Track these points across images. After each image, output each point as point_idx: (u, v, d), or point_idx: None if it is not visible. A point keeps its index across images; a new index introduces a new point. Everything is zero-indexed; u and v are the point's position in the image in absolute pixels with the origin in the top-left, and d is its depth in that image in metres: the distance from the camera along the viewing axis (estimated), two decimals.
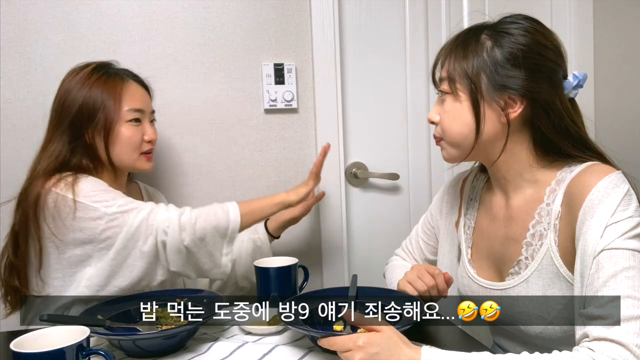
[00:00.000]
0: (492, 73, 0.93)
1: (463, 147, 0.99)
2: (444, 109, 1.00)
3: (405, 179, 1.90)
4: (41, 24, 1.51)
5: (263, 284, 1.13)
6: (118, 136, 1.26)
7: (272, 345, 0.93)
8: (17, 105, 1.51)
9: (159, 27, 1.60)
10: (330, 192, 1.76)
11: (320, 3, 1.70)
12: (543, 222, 0.94)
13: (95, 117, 1.23)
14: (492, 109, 0.95)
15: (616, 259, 0.80)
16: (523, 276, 0.96)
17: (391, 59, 1.86)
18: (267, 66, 1.67)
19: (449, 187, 1.22)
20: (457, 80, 0.96)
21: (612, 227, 0.82)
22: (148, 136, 1.32)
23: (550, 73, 0.94)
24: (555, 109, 0.93)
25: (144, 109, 1.31)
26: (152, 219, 1.17)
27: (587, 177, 0.88)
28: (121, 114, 1.25)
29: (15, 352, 0.72)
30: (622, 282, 0.79)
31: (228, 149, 1.69)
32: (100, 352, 0.77)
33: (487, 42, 0.95)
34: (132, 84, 1.31)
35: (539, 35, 0.94)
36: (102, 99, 1.24)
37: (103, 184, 1.21)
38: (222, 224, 1.23)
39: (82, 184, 1.18)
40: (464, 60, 0.95)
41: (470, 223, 1.11)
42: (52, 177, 1.19)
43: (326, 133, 1.74)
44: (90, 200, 1.16)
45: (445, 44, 1.01)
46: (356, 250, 1.85)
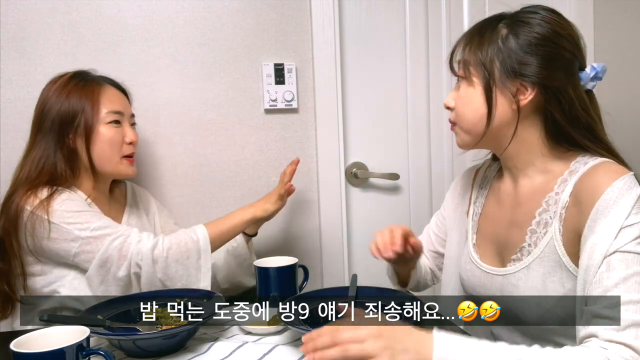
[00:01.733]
0: (506, 60, 0.94)
1: (475, 132, 1.00)
2: (459, 94, 1.02)
3: (405, 179, 1.90)
4: (41, 24, 1.51)
5: (263, 283, 1.13)
6: (98, 137, 1.26)
7: (272, 345, 0.93)
8: (17, 105, 1.51)
9: (159, 27, 1.60)
10: (330, 192, 1.76)
11: (320, 3, 1.70)
12: (550, 211, 0.95)
13: (75, 121, 1.25)
14: (504, 96, 0.96)
15: (628, 262, 0.81)
16: (524, 262, 0.96)
17: (391, 59, 1.86)
18: (267, 66, 1.67)
19: (461, 178, 1.23)
20: (472, 66, 0.98)
21: (627, 229, 0.82)
22: (129, 138, 1.32)
23: (566, 62, 0.95)
24: (567, 97, 0.94)
25: (122, 111, 1.32)
26: (125, 249, 1.17)
27: (601, 175, 0.89)
28: (100, 116, 1.27)
29: (15, 352, 0.72)
30: (634, 287, 0.80)
31: (228, 149, 1.69)
32: (100, 352, 0.77)
33: (503, 30, 0.96)
34: (109, 88, 1.33)
35: (555, 25, 0.95)
36: (80, 103, 1.25)
37: (78, 204, 1.21)
38: (193, 255, 1.23)
39: (56, 204, 1.18)
40: (480, 47, 0.97)
41: (477, 210, 1.13)
42: (29, 191, 1.19)
43: (326, 133, 1.74)
44: (64, 221, 1.17)
45: (465, 32, 1.03)
46: (356, 250, 1.85)
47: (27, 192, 1.19)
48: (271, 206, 1.37)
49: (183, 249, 1.21)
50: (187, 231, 1.25)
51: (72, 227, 1.17)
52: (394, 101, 1.87)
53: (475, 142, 1.01)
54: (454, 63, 1.03)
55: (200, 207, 1.67)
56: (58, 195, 1.20)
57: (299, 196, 1.75)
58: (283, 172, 1.43)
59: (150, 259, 1.18)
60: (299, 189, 1.74)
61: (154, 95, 1.61)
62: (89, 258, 1.17)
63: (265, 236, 1.74)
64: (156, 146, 1.62)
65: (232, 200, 1.69)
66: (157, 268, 1.18)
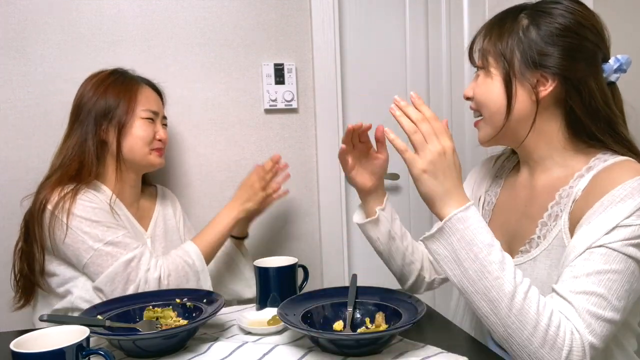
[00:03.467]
0: (526, 50, 0.93)
1: (494, 124, 0.98)
2: (477, 84, 1.01)
3: (405, 179, 1.90)
4: (41, 24, 1.51)
5: (263, 283, 1.13)
6: (131, 130, 1.30)
7: (272, 345, 0.93)
8: (17, 105, 1.51)
9: (159, 27, 1.60)
10: (330, 192, 1.76)
11: (320, 3, 1.70)
12: (561, 204, 0.94)
13: (110, 113, 1.28)
14: (523, 87, 0.95)
15: (608, 259, 0.81)
16: (532, 254, 0.96)
17: (391, 59, 1.86)
18: (267, 66, 1.67)
19: (481, 167, 1.21)
20: (491, 57, 0.97)
21: (622, 229, 0.81)
22: (159, 135, 1.35)
23: (588, 53, 0.93)
24: (588, 89, 0.92)
25: (157, 111, 1.36)
26: (133, 275, 1.17)
27: (617, 172, 0.87)
28: (136, 112, 1.31)
29: (15, 352, 0.72)
30: (604, 282, 0.80)
31: (228, 149, 1.69)
32: (100, 352, 0.77)
33: (523, 21, 0.95)
34: (147, 88, 1.37)
35: (578, 15, 0.93)
36: (118, 98, 1.30)
37: (98, 212, 1.21)
38: (192, 278, 1.25)
39: (77, 209, 1.18)
40: (500, 38, 0.96)
41: (491, 199, 1.12)
42: (58, 185, 1.21)
43: (326, 133, 1.74)
44: (80, 229, 1.18)
45: (485, 23, 1.01)
46: (356, 250, 1.85)
47: (55, 185, 1.21)
48: (253, 205, 1.37)
49: (181, 274, 1.23)
50: (180, 254, 1.25)
51: (87, 237, 1.18)
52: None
53: (495, 134, 0.99)
54: (474, 53, 1.02)
55: (200, 207, 1.67)
56: (82, 195, 1.20)
57: (299, 196, 1.76)
58: (262, 166, 1.40)
59: (156, 288, 1.18)
60: (299, 189, 1.75)
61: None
62: (97, 271, 1.17)
63: (266, 236, 1.74)
64: None
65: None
66: None
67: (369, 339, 0.88)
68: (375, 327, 0.98)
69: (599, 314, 0.79)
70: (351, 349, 0.89)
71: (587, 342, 0.78)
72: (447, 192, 0.86)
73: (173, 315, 1.04)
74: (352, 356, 0.89)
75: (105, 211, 1.22)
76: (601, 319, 0.79)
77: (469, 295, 0.83)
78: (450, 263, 0.84)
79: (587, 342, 0.78)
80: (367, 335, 0.90)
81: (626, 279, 0.81)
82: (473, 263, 0.81)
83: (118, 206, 1.29)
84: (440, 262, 0.85)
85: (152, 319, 1.03)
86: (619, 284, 0.80)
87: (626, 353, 0.94)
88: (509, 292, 0.79)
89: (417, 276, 1.18)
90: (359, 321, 1.01)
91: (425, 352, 0.90)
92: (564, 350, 0.77)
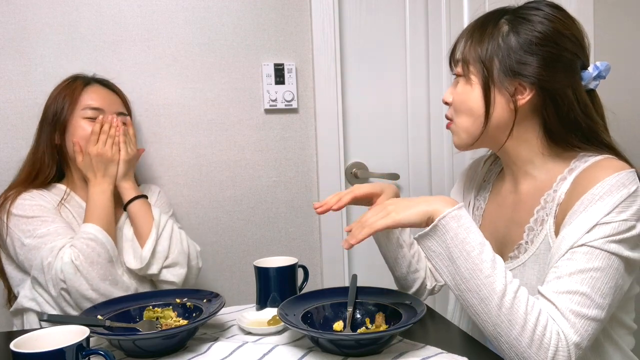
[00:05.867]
0: (505, 58, 0.93)
1: (472, 131, 0.98)
2: (456, 91, 1.00)
3: (405, 179, 1.90)
4: (41, 24, 1.51)
5: (263, 283, 1.13)
6: (73, 130, 1.32)
7: (272, 345, 0.93)
8: (17, 105, 1.51)
9: (159, 27, 1.60)
10: (330, 192, 1.75)
11: (320, 3, 1.70)
12: (546, 208, 0.94)
13: (56, 117, 1.33)
14: (502, 95, 0.94)
15: (591, 257, 0.81)
16: (521, 260, 0.96)
17: (391, 58, 1.86)
18: (267, 66, 1.67)
19: (468, 170, 1.21)
20: (471, 64, 0.96)
21: (602, 226, 0.82)
22: None
23: (567, 63, 0.93)
24: (566, 99, 0.92)
25: (102, 108, 1.34)
26: (50, 266, 1.16)
27: (596, 171, 0.88)
28: (76, 112, 1.32)
29: (15, 352, 0.72)
30: (587, 280, 0.81)
31: (228, 149, 1.69)
32: (100, 352, 0.77)
33: (504, 27, 0.94)
34: (94, 86, 1.38)
35: (558, 24, 0.93)
36: (63, 101, 1.33)
37: (35, 208, 1.23)
38: (100, 250, 1.20)
39: (16, 208, 1.23)
40: (480, 43, 0.95)
41: (480, 204, 1.12)
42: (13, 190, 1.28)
43: (326, 133, 1.74)
44: (17, 227, 1.21)
45: (467, 26, 1.01)
46: (356, 250, 1.85)
47: (9, 191, 1.27)
48: (113, 168, 1.31)
49: (89, 250, 1.18)
50: (79, 236, 1.21)
51: (21, 234, 1.20)
52: (394, 101, 1.87)
53: (472, 141, 0.99)
54: (454, 59, 1.01)
55: (200, 207, 1.67)
56: (24, 194, 1.25)
57: (299, 196, 1.76)
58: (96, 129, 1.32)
59: (72, 270, 1.16)
60: (299, 189, 1.75)
61: (154, 95, 1.61)
62: (30, 265, 1.19)
63: (265, 236, 1.74)
64: (156, 146, 1.62)
65: (232, 200, 1.69)
66: (81, 277, 1.17)
67: (369, 339, 0.88)
68: (375, 327, 0.98)
69: (582, 313, 0.80)
70: (351, 349, 0.89)
71: (571, 342, 0.79)
72: (426, 200, 0.88)
73: (173, 315, 1.04)
74: (352, 356, 0.89)
75: (46, 207, 1.25)
76: (585, 317, 0.80)
77: (461, 293, 0.84)
78: (443, 260, 0.85)
79: (572, 342, 0.79)
80: (367, 335, 0.90)
81: (610, 276, 0.81)
82: (465, 261, 0.82)
83: (75, 201, 1.32)
84: (433, 260, 0.86)
85: (152, 319, 1.03)
86: (602, 282, 0.81)
87: (622, 351, 0.94)
88: (499, 291, 0.80)
89: (421, 284, 1.18)
90: (359, 321, 1.01)
91: (425, 352, 0.90)
92: (549, 350, 0.78)
